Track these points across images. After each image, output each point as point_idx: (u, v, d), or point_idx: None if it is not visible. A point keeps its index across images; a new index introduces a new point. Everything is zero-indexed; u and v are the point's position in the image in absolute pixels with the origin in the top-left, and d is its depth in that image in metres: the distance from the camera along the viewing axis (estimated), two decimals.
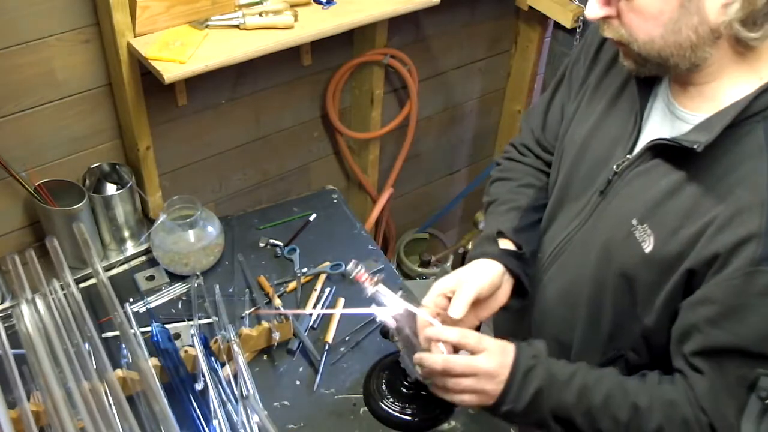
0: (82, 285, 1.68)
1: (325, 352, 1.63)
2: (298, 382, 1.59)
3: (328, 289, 1.79)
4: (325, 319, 1.71)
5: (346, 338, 1.66)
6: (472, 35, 2.28)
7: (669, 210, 1.04)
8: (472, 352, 1.12)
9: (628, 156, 1.12)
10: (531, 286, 1.27)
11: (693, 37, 0.95)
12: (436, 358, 1.13)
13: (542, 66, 2.44)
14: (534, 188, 1.35)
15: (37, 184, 1.62)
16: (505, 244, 1.25)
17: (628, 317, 1.13)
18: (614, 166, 1.13)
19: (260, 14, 1.60)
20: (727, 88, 1.00)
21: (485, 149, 2.68)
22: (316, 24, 1.65)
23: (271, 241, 1.89)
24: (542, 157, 1.40)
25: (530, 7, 2.18)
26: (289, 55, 1.86)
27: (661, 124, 1.10)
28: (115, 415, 1.23)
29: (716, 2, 0.92)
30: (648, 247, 1.06)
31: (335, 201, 2.06)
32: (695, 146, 0.98)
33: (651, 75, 1.07)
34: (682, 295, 1.04)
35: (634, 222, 1.08)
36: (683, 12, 0.94)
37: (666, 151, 1.03)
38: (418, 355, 1.16)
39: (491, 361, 1.11)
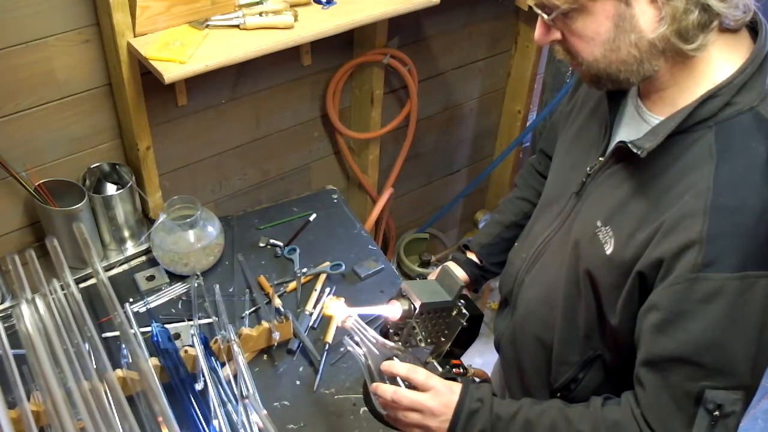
0: (82, 285, 1.69)
1: (325, 352, 1.63)
2: (298, 382, 1.59)
3: (328, 289, 1.79)
4: (325, 319, 1.71)
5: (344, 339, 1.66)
6: (472, 35, 2.28)
7: (628, 213, 1.06)
8: (420, 389, 1.17)
9: (600, 158, 1.14)
10: (514, 288, 1.32)
11: (635, 53, 0.98)
12: (387, 388, 1.17)
13: (542, 66, 2.44)
14: (527, 203, 1.48)
15: (37, 184, 1.63)
16: (471, 255, 1.50)
17: (598, 317, 1.15)
18: (588, 169, 1.16)
19: (260, 14, 1.60)
20: (681, 94, 1.02)
21: (485, 149, 2.68)
22: (316, 24, 1.65)
23: (271, 241, 1.89)
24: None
25: (530, 7, 2.17)
26: (289, 55, 1.86)
27: (629, 127, 1.12)
28: (115, 415, 1.23)
29: (649, 18, 0.95)
30: (609, 249, 1.07)
31: (335, 201, 2.06)
32: (639, 152, 1.00)
33: (610, 89, 1.09)
34: (639, 301, 1.05)
35: (599, 224, 1.10)
36: (619, 31, 0.97)
37: (628, 154, 1.05)
38: (374, 385, 1.20)
39: (435, 399, 1.15)
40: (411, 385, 1.17)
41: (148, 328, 1.55)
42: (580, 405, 1.13)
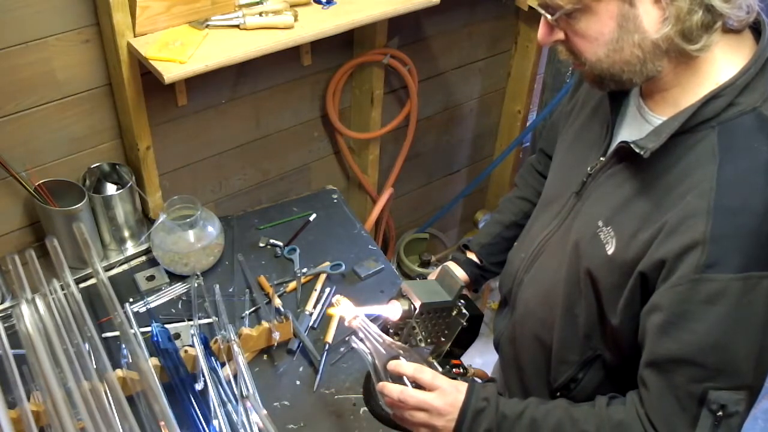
0: (82, 285, 1.68)
1: (325, 352, 1.63)
2: (298, 382, 1.59)
3: (327, 289, 1.79)
4: (325, 319, 1.71)
5: (346, 338, 1.66)
6: (472, 35, 2.28)
7: (630, 213, 1.06)
8: (427, 389, 1.17)
9: (601, 158, 1.14)
10: (513, 287, 1.32)
11: (638, 53, 0.98)
12: (394, 388, 1.17)
13: (542, 66, 2.44)
14: (526, 202, 1.48)
15: (37, 184, 1.62)
16: (471, 255, 1.49)
17: (598, 317, 1.15)
18: (588, 168, 1.16)
19: (260, 14, 1.60)
20: (684, 94, 1.02)
21: (485, 149, 2.68)
22: (316, 24, 1.65)
23: (271, 241, 1.89)
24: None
25: (530, 7, 2.18)
26: (289, 55, 1.86)
27: (631, 127, 1.12)
28: (115, 415, 1.23)
29: (653, 18, 0.95)
30: (610, 249, 1.07)
31: (335, 201, 2.06)
32: (642, 152, 1.00)
33: (612, 90, 1.09)
34: (640, 302, 1.05)
35: (600, 224, 1.10)
36: (622, 31, 0.97)
37: (630, 154, 1.04)
38: (381, 384, 1.20)
39: (441, 399, 1.15)
40: (417, 385, 1.17)
41: (148, 328, 1.55)
42: (586, 404, 1.13)
